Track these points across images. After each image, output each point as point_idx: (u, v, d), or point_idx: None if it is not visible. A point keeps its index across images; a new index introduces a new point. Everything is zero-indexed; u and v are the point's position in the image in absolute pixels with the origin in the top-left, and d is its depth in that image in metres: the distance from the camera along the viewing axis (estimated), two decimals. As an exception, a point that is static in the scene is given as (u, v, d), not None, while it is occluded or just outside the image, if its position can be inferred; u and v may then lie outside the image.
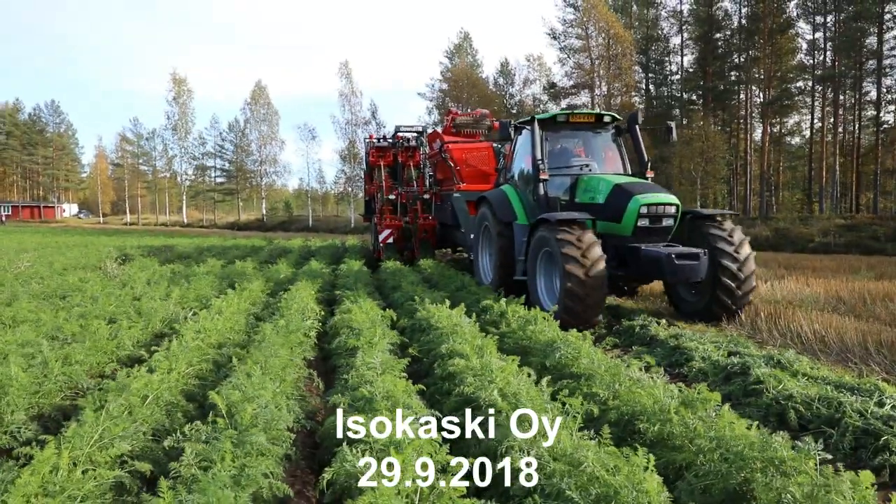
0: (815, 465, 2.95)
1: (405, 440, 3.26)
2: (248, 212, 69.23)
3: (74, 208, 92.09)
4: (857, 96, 41.86)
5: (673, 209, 8.43)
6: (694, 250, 8.10)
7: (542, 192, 9.34)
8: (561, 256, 7.77)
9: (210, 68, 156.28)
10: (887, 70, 38.66)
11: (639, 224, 8.34)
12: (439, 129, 17.52)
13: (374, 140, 18.80)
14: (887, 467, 3.74)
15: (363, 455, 3.25)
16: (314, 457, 4.12)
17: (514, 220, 9.81)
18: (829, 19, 40.89)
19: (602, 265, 7.74)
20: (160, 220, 70.70)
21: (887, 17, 38.14)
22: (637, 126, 9.98)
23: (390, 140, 18.42)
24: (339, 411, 4.13)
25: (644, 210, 8.24)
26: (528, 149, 10.00)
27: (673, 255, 7.90)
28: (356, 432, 3.61)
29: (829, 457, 3.02)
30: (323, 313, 8.37)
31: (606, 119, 9.85)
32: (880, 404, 4.51)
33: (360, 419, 3.70)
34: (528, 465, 3.20)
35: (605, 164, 10.00)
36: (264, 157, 61.64)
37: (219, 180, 70.30)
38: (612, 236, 8.70)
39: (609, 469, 2.92)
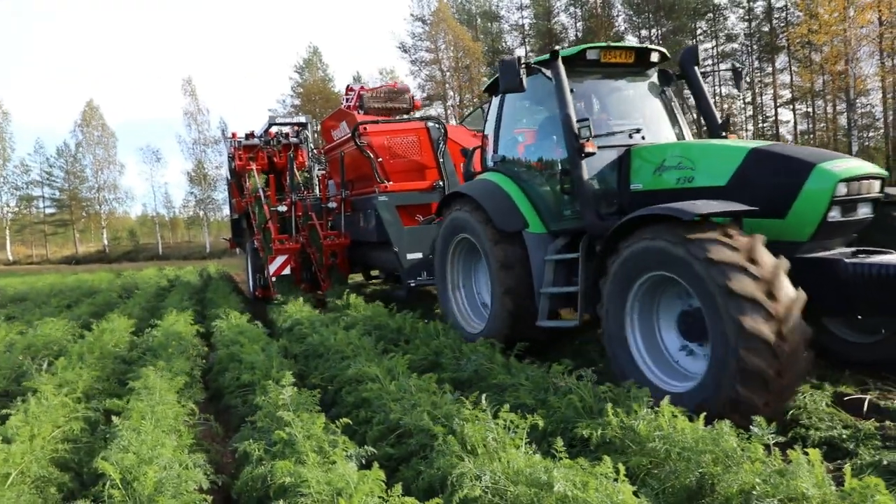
0: (772, 450, 2.98)
1: (349, 485, 2.88)
2: (86, 243, 62.76)
3: None
4: (681, 103, 46.50)
5: (877, 186, 4.87)
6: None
7: (584, 175, 5.65)
8: (724, 296, 3.96)
9: (31, 90, 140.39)
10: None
11: (829, 217, 4.59)
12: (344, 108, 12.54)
13: (239, 139, 14.43)
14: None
15: (301, 509, 2.84)
16: (230, 516, 3.59)
17: (523, 229, 6.29)
18: (652, 32, 45.06)
19: (799, 309, 4.05)
20: (-23, 260, 62.11)
21: (699, 31, 43.54)
22: (696, 68, 6.64)
23: (261, 137, 14.14)
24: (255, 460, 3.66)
25: (843, 190, 4.56)
26: (541, 109, 6.69)
27: None
28: (285, 483, 3.18)
29: (782, 439, 3.05)
30: (205, 348, 7.58)
31: (653, 58, 6.28)
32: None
33: (288, 466, 3.28)
34: (486, 491, 2.96)
35: (653, 127, 6.29)
36: (102, 183, 56.32)
37: (49, 211, 63.22)
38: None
39: (577, 485, 2.75)
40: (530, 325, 6.11)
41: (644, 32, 45.41)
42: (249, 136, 14.50)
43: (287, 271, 11.25)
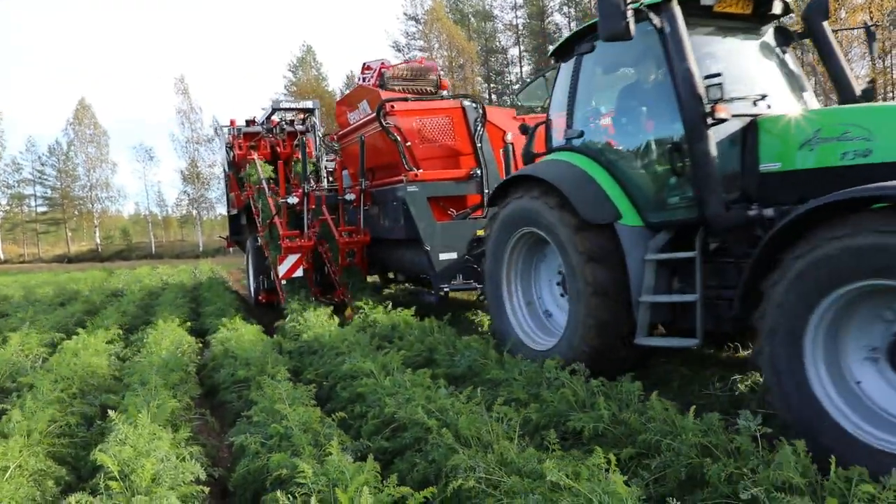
0: (758, 441, 3.04)
1: (346, 477, 2.92)
2: (78, 242, 62.49)
3: None
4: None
5: None
6: None
7: (710, 150, 4.39)
8: None
9: (22, 89, 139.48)
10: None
11: None
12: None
13: (238, 126, 13.09)
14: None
15: (297, 499, 2.88)
16: (227, 509, 3.62)
17: (615, 221, 5.06)
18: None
19: None
20: (-32, 259, 61.72)
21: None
22: (826, 24, 5.32)
23: (263, 124, 12.82)
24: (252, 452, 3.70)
25: None
26: (636, 71, 5.45)
27: None
28: (281, 475, 3.22)
29: (769, 430, 3.11)
30: (199, 344, 7.59)
31: (775, 8, 5.08)
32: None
33: (284, 458, 3.32)
34: (480, 482, 3.00)
35: (778, 94, 5.01)
36: (94, 182, 56.10)
37: (41, 209, 62.89)
38: None
39: (569, 475, 2.80)
40: (625, 341, 4.87)
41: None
42: (250, 122, 13.22)
43: (299, 273, 9.45)
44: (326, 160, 12.35)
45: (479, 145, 8.76)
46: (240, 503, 3.54)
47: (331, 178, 12.04)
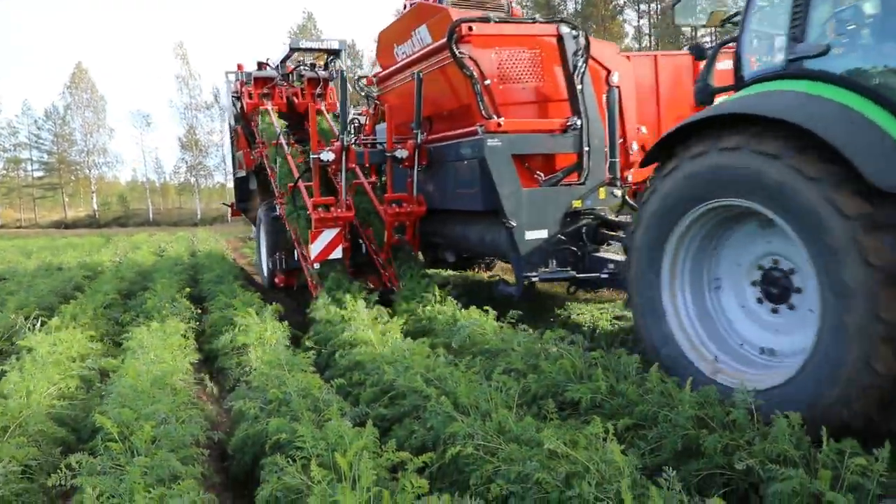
0: (754, 414, 3.07)
1: (345, 441, 2.95)
2: (75, 208, 62.27)
3: None
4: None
5: None
6: None
7: None
8: None
9: (19, 53, 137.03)
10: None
11: None
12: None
13: (247, 72, 10.81)
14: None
15: (297, 463, 2.90)
16: (226, 472, 3.66)
17: None
18: (651, 7, 44.56)
19: None
20: (-35, 223, 61.53)
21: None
22: None
23: (278, 68, 10.56)
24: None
25: None
26: None
27: None
28: (280, 439, 3.25)
29: (762, 402, 3.14)
30: (199, 311, 7.61)
31: None
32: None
33: (283, 423, 3.34)
34: (478, 449, 3.03)
35: None
36: (91, 147, 55.71)
37: (37, 174, 62.51)
38: None
39: (567, 443, 2.83)
40: None
41: (643, 7, 44.90)
42: (262, 65, 10.95)
43: (337, 253, 7.18)
44: (354, 114, 9.67)
45: (578, 87, 6.36)
46: (239, 466, 3.57)
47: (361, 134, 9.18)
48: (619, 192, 6.28)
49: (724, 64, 4.63)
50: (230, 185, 52.83)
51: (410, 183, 7.32)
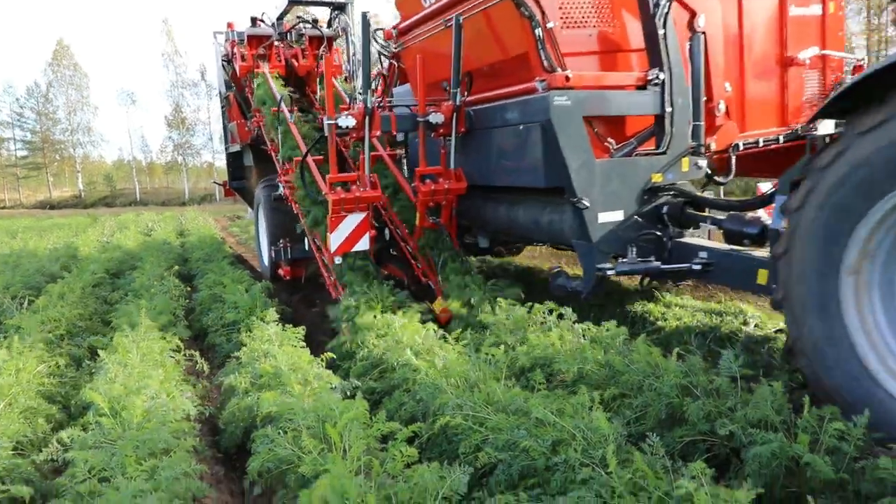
0: (737, 381, 3.13)
1: (335, 413, 2.98)
2: (60, 188, 61.58)
3: None
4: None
5: None
6: None
7: None
8: None
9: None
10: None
11: None
12: None
13: (239, 31, 9.13)
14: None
15: (287, 434, 2.94)
16: (217, 445, 3.69)
17: None
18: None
19: None
20: (-53, 204, 60.70)
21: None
22: None
23: (274, 26, 8.97)
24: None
25: None
26: None
27: None
28: (271, 412, 3.28)
29: (750, 372, 3.20)
30: (188, 289, 7.60)
31: None
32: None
33: (274, 396, 3.38)
34: (467, 419, 3.08)
35: None
36: (75, 126, 54.91)
37: (21, 153, 61.60)
38: None
39: (554, 412, 2.88)
40: None
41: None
42: (256, 21, 9.34)
43: (364, 244, 5.79)
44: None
45: (661, 32, 5.05)
46: (230, 440, 3.61)
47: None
48: (703, 164, 5.13)
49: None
50: (218, 163, 52.17)
51: (446, 154, 5.94)
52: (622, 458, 2.53)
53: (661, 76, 5.06)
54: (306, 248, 6.95)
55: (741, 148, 5.33)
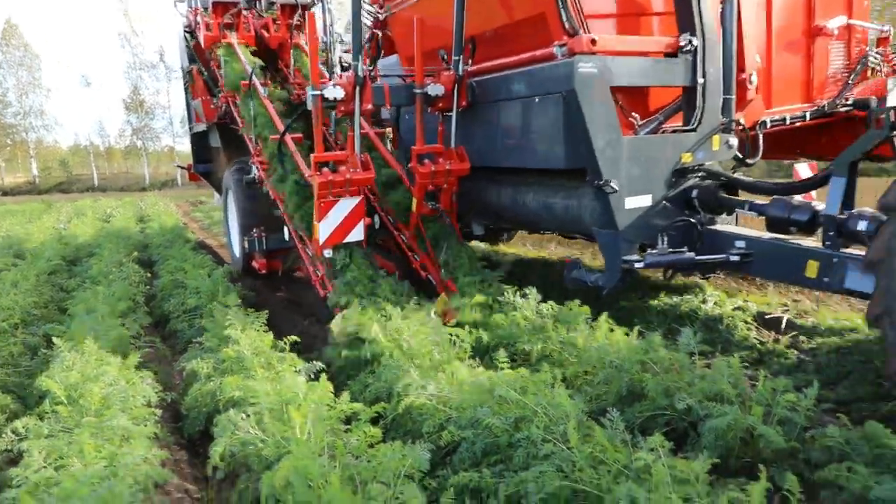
0: (696, 357, 3.21)
1: (299, 396, 2.97)
2: (13, 174, 59.41)
3: None
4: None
5: None
6: None
7: None
8: None
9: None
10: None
11: None
12: None
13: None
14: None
15: (250, 418, 2.92)
16: (180, 431, 3.64)
17: None
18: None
19: None
20: None
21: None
22: None
23: None
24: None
25: None
26: None
27: None
28: (234, 397, 3.25)
29: (708, 349, 3.28)
30: (148, 275, 7.44)
31: None
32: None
33: (237, 381, 3.34)
34: (431, 399, 3.10)
35: None
36: (27, 109, 52.92)
37: (-31, 138, 59.19)
38: None
39: (517, 390, 2.91)
40: None
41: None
42: None
43: (357, 234, 5.07)
44: (343, 50, 7.69)
45: None
46: (193, 425, 3.56)
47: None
48: (734, 142, 4.60)
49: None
50: (179, 147, 50.80)
51: (444, 131, 5.28)
52: (583, 434, 2.58)
53: (695, 42, 4.43)
54: (286, 237, 6.07)
55: (768, 125, 4.88)
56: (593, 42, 4.11)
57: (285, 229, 6.02)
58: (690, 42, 4.41)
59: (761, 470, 2.21)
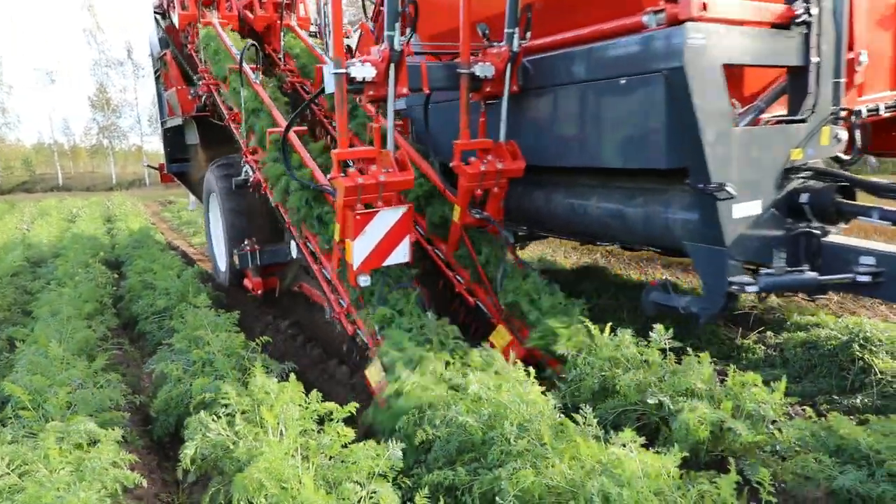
0: (666, 353, 3.25)
1: (271, 397, 2.93)
2: (-27, 173, 57.75)
3: None
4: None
5: None
6: None
7: None
8: None
9: None
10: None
11: None
12: None
13: None
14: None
15: (222, 420, 2.87)
16: (150, 435, 3.58)
17: None
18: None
19: None
20: None
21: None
22: None
23: None
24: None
25: None
26: None
27: None
28: (205, 399, 3.20)
29: (679, 345, 3.32)
30: (116, 276, 7.30)
31: None
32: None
33: (207, 382, 3.30)
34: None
35: None
36: (-13, 107, 51.52)
37: (-73, 137, 57.36)
38: None
39: (490, 387, 2.92)
40: None
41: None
42: None
43: (402, 254, 3.95)
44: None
45: None
46: (162, 428, 3.50)
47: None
48: (844, 135, 3.84)
49: None
50: (147, 146, 49.92)
51: (487, 123, 4.30)
52: (557, 430, 2.60)
53: (813, 11, 3.56)
54: (293, 253, 5.05)
55: (864, 115, 4.08)
56: (704, 6, 3.18)
57: (292, 244, 4.98)
58: (808, 10, 3.54)
59: (731, 463, 2.25)
